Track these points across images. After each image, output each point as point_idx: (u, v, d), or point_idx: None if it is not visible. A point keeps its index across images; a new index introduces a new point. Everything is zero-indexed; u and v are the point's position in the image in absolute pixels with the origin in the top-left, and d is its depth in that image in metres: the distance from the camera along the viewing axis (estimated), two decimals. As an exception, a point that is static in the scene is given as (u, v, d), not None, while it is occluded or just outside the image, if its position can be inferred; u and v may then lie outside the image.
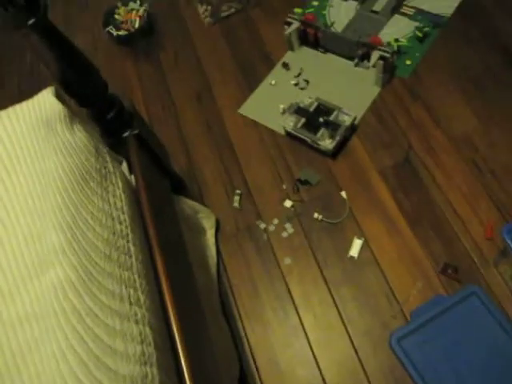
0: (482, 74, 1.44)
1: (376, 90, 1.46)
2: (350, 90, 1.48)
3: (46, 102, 0.77)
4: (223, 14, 1.78)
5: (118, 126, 0.93)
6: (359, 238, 1.27)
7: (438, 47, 1.52)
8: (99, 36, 1.90)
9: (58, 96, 0.81)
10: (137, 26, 1.81)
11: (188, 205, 1.26)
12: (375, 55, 1.38)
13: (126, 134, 0.95)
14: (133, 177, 0.96)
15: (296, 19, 1.51)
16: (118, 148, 0.98)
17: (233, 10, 1.79)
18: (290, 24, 1.52)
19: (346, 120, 1.36)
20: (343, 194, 1.34)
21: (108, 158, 0.86)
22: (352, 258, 1.25)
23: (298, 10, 1.64)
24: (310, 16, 1.51)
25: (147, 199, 0.90)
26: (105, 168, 0.82)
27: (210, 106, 1.61)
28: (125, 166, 1.04)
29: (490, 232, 1.21)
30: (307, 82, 1.53)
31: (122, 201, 0.81)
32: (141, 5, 1.85)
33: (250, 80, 1.62)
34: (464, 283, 1.17)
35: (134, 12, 1.83)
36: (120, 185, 0.84)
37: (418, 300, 1.17)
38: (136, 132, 0.94)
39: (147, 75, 1.75)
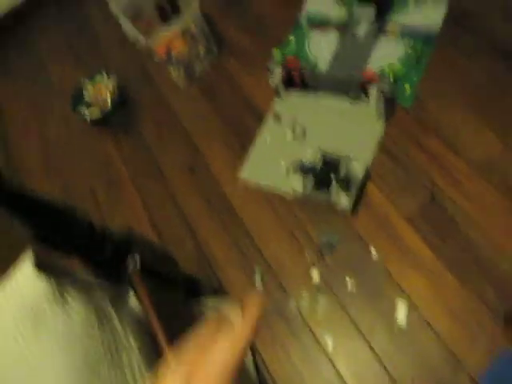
0: (489, 87, 1.32)
1: (380, 127, 1.34)
2: (352, 131, 1.36)
3: (27, 282, 0.64)
4: (198, 72, 1.66)
5: (115, 264, 0.80)
6: (402, 299, 1.14)
7: (435, 65, 1.40)
8: (71, 118, 1.77)
9: (39, 263, 0.67)
10: (109, 103, 1.68)
11: (208, 305, 1.13)
12: (373, 91, 1.25)
13: (128, 270, 0.82)
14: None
15: (278, 64, 1.39)
16: (120, 282, 0.84)
17: (206, 65, 1.66)
18: (272, 71, 1.39)
19: (358, 170, 1.23)
20: (372, 250, 1.21)
21: (113, 314, 0.72)
22: (399, 323, 1.12)
23: (277, 52, 1.51)
24: (291, 58, 1.39)
25: (162, 332, 0.77)
26: (112, 334, 0.69)
27: (206, 175, 1.48)
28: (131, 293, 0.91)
29: (546, 266, 1.08)
30: (304, 130, 1.40)
31: (140, 369, 0.68)
32: (108, 77, 1.73)
33: (243, 139, 1.49)
34: (532, 332, 1.04)
35: (103, 87, 1.71)
36: (132, 342, 0.71)
37: (484, 360, 1.04)
38: (137, 267, 0.81)
39: (131, 153, 1.63)
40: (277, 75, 1.37)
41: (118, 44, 1.90)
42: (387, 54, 1.43)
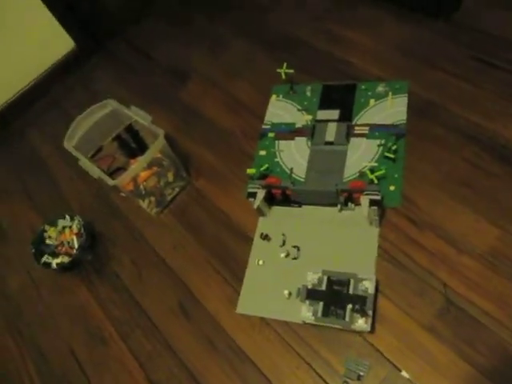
0: (470, 173, 1.33)
1: (375, 232, 1.30)
2: (348, 241, 1.30)
3: None
4: (169, 198, 1.58)
5: None
6: (449, 424, 1.04)
7: (411, 160, 1.40)
8: (34, 270, 1.61)
9: None
10: (76, 245, 1.55)
11: None
12: (365, 202, 1.22)
13: None
14: None
15: (259, 187, 1.33)
16: None
17: (177, 190, 1.59)
18: (254, 195, 1.33)
19: (369, 287, 1.17)
20: (404, 374, 1.11)
21: None
22: None
23: (251, 171, 1.47)
24: (272, 180, 1.34)
25: None
26: None
27: (200, 314, 1.35)
28: None
29: None
30: (297, 248, 1.33)
31: None
32: (72, 219, 1.60)
33: (232, 266, 1.40)
34: None
35: (68, 230, 1.58)
36: None
37: None
38: None
39: (109, 299, 1.47)
40: (260, 199, 1.31)
41: (76, 180, 1.80)
42: (363, 157, 1.42)
